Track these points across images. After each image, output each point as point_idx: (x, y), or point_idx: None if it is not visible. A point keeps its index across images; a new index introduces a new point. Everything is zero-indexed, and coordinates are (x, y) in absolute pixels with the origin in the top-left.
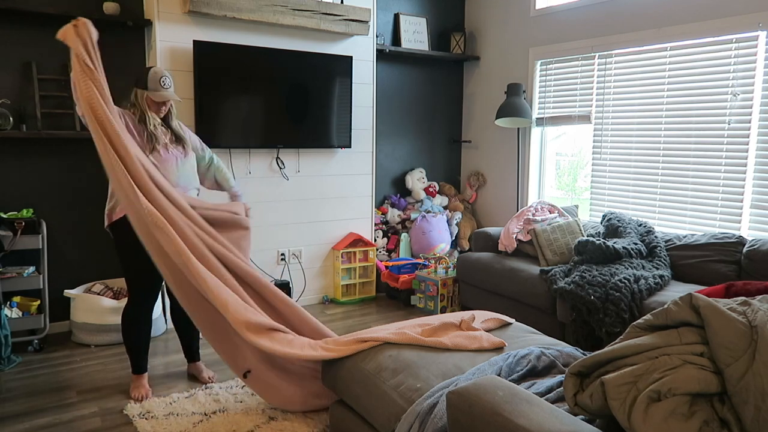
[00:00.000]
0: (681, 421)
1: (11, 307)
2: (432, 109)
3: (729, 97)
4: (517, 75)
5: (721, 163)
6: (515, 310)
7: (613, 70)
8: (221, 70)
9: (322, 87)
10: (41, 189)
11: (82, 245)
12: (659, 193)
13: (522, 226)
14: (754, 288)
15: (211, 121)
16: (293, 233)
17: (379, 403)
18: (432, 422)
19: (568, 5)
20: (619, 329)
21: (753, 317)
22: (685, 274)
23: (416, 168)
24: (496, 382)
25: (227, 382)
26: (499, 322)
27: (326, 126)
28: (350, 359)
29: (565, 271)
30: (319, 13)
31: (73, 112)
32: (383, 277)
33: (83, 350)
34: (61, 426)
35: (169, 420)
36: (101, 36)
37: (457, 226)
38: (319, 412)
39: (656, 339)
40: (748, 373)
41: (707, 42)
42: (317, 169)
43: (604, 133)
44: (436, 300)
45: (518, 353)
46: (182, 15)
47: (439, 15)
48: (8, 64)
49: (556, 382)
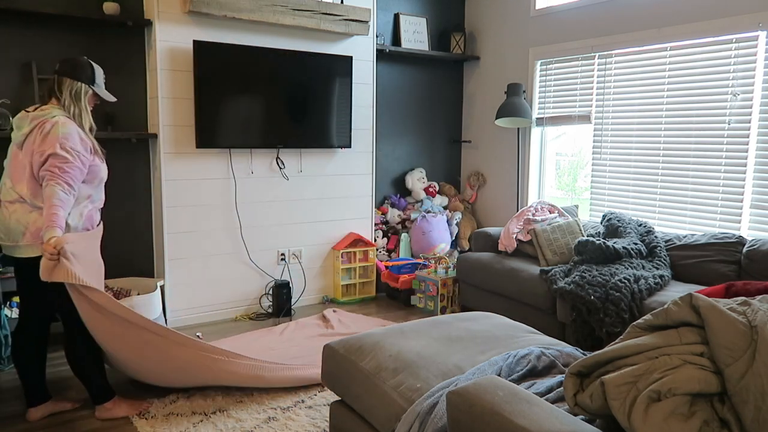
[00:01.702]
0: (681, 421)
1: (11, 307)
2: (432, 109)
3: (729, 97)
4: (517, 75)
5: (721, 163)
6: (515, 310)
7: (613, 70)
8: (221, 70)
9: (322, 87)
10: None
11: None
12: (659, 193)
13: (522, 226)
14: (754, 288)
15: (211, 121)
16: (293, 233)
17: (379, 403)
18: (432, 422)
19: (568, 5)
20: (619, 329)
21: (753, 317)
22: (685, 274)
23: (416, 168)
24: (496, 382)
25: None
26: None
27: (326, 126)
28: (350, 359)
29: (565, 271)
30: (319, 13)
31: None
32: (383, 277)
33: None
34: (61, 426)
35: (169, 420)
36: (101, 36)
37: (457, 226)
38: (320, 412)
39: (656, 339)
40: (748, 373)
41: (707, 42)
42: (317, 169)
43: (604, 133)
44: (436, 300)
45: (518, 353)
46: (182, 15)
47: (439, 15)
48: (8, 64)
49: (556, 382)
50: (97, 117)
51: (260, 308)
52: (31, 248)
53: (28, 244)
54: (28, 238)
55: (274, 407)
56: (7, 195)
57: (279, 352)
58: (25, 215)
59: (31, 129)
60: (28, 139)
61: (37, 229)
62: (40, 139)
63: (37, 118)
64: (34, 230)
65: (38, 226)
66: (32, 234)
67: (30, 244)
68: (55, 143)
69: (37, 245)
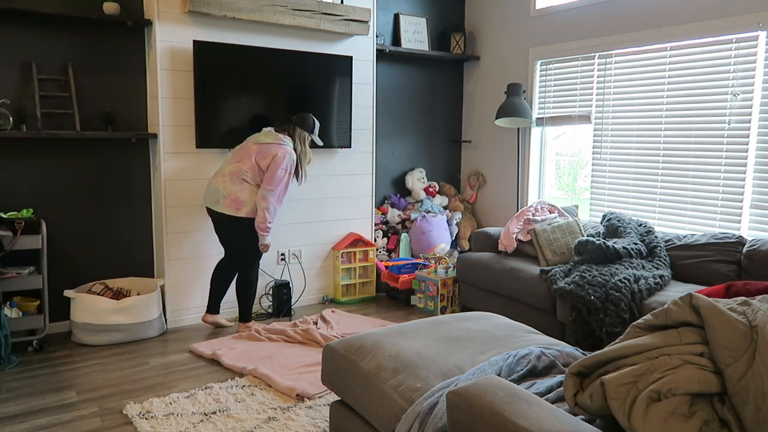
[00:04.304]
0: (681, 421)
1: (11, 307)
2: (432, 109)
3: (729, 97)
4: (517, 75)
5: (721, 163)
6: (515, 310)
7: (613, 70)
8: (221, 70)
9: (322, 87)
10: (41, 189)
11: (82, 245)
12: (659, 193)
13: (522, 226)
14: (754, 288)
15: (211, 121)
16: (293, 233)
17: (379, 403)
18: (432, 422)
19: (568, 5)
20: (619, 329)
21: (753, 317)
22: (685, 274)
23: (416, 168)
24: (496, 382)
25: (227, 381)
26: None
27: (326, 126)
28: (350, 359)
29: (565, 271)
30: (319, 13)
31: (73, 112)
32: (383, 277)
33: (83, 350)
34: (61, 426)
35: (169, 420)
36: (101, 36)
37: (457, 226)
38: (320, 412)
39: (656, 339)
40: (748, 373)
41: (707, 42)
42: (317, 169)
43: (604, 133)
44: (436, 300)
45: (518, 353)
46: (182, 15)
47: (439, 15)
48: (8, 64)
49: (556, 382)
50: (98, 117)
51: (260, 308)
52: (228, 209)
53: (226, 205)
54: (227, 202)
55: (274, 407)
56: (225, 168)
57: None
58: (231, 186)
59: (270, 142)
60: (265, 147)
61: (236, 198)
62: (272, 154)
63: (279, 140)
64: (234, 198)
65: (236, 196)
66: (232, 200)
67: (228, 206)
68: (280, 165)
69: (233, 208)
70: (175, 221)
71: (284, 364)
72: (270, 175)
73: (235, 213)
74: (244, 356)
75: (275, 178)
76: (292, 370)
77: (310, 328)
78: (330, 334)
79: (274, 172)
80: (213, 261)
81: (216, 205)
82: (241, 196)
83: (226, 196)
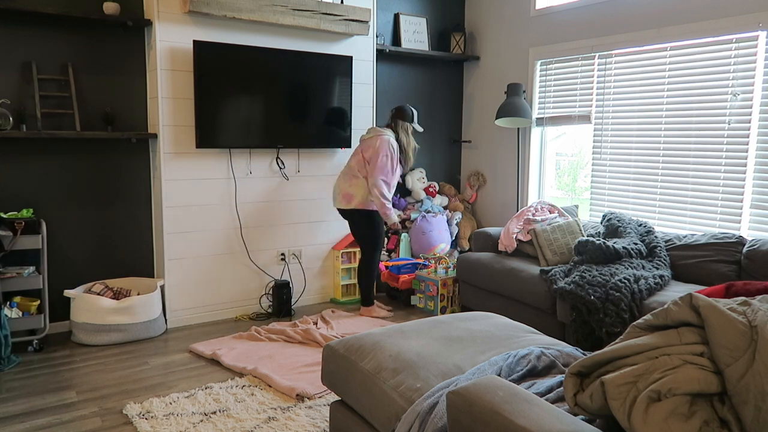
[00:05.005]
0: (681, 421)
1: (11, 307)
2: (432, 109)
3: (729, 97)
4: (517, 75)
5: (721, 163)
6: (515, 310)
7: (613, 70)
8: (221, 70)
9: (322, 87)
10: (41, 189)
11: (82, 245)
12: (659, 193)
13: (522, 226)
14: (754, 288)
15: (211, 121)
16: (293, 233)
17: (379, 403)
18: (432, 422)
19: (568, 5)
20: (619, 329)
21: (753, 317)
22: (685, 274)
23: (416, 168)
24: (496, 382)
25: (227, 381)
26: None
27: (326, 126)
28: (350, 359)
29: (565, 271)
30: (319, 13)
31: (73, 112)
32: (383, 277)
33: (83, 350)
34: (61, 426)
35: (169, 420)
36: (101, 36)
37: (457, 226)
38: (320, 412)
39: (656, 339)
40: (748, 373)
41: (707, 42)
42: (317, 169)
43: (604, 133)
44: (436, 300)
45: (518, 353)
46: (182, 15)
47: (439, 15)
48: (8, 64)
49: (556, 382)
50: (97, 117)
51: (260, 308)
52: (342, 203)
53: (340, 201)
54: (341, 198)
55: (274, 407)
56: (342, 170)
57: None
58: (343, 183)
59: (372, 136)
60: (368, 141)
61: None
62: (373, 146)
63: (379, 133)
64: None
65: (347, 191)
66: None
67: (341, 201)
68: (380, 152)
69: (345, 202)
70: (175, 221)
71: (284, 364)
72: (374, 164)
73: (347, 206)
74: (244, 356)
75: (378, 165)
76: (292, 370)
77: (310, 328)
78: (330, 334)
79: (377, 160)
80: (213, 261)
81: (335, 203)
82: (351, 191)
83: (340, 193)
